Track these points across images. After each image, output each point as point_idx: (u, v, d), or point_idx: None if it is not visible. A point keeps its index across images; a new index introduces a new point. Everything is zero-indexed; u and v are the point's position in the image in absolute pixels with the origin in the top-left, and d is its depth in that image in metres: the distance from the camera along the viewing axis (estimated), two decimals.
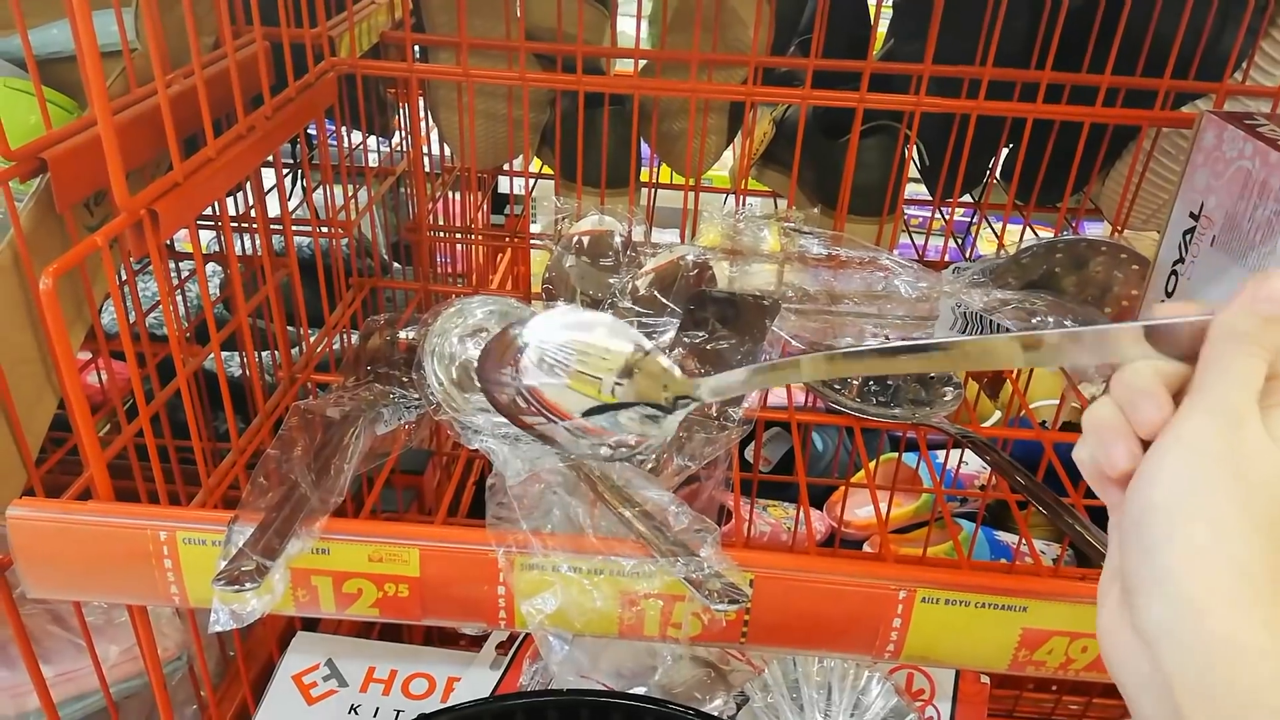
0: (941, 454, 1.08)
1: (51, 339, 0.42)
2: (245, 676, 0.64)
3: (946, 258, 0.82)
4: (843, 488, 1.02)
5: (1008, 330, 0.69)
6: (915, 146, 0.84)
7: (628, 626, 0.45)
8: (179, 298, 0.94)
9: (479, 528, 0.46)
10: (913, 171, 0.85)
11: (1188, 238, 0.64)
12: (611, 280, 0.72)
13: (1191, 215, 0.63)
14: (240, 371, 0.97)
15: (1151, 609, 0.28)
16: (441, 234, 0.87)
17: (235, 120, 0.56)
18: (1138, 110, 0.70)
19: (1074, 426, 1.12)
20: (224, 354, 0.97)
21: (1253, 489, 0.28)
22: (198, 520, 0.44)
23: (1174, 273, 0.65)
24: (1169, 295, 0.66)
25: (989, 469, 1.13)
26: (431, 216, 0.95)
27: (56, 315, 0.42)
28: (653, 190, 0.92)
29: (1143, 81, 0.71)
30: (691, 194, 0.84)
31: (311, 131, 0.76)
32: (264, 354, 0.97)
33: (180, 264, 0.92)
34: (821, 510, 1.10)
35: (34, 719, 0.59)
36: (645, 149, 0.89)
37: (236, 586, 0.40)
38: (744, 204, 0.87)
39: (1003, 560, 1.05)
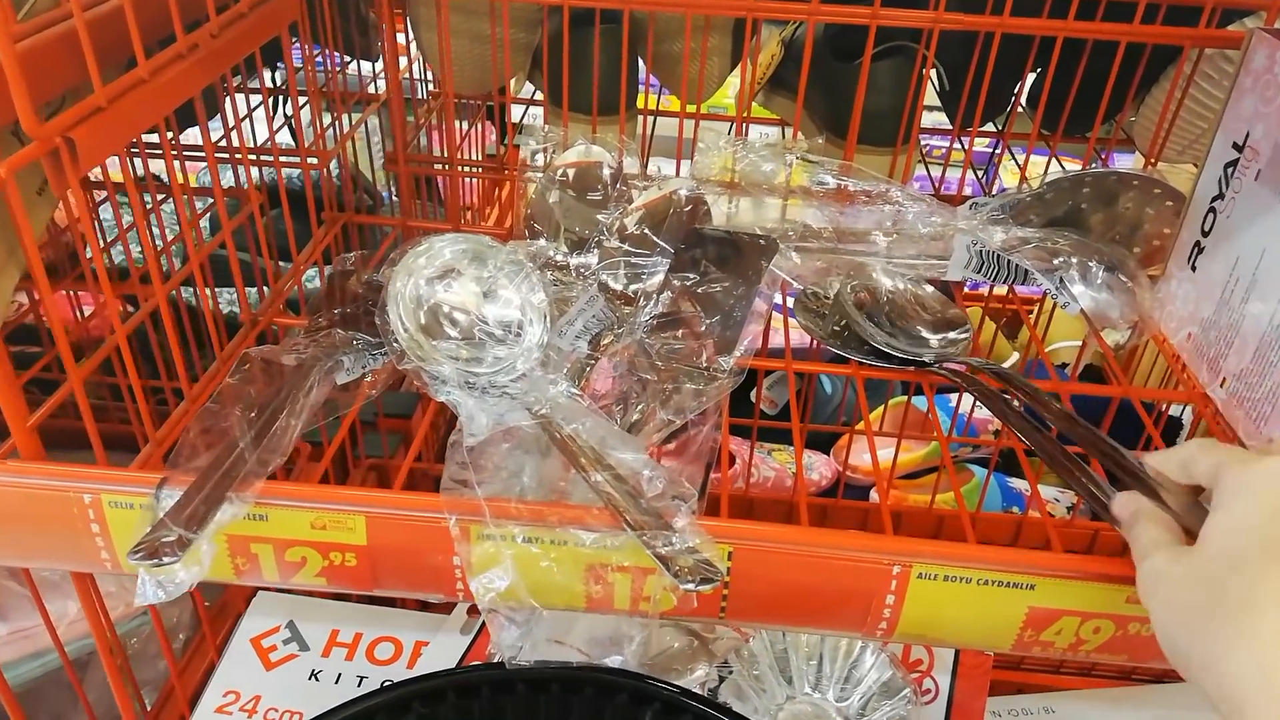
0: (953, 397, 1.03)
1: None
2: (211, 638, 0.61)
3: (966, 192, 0.76)
4: (857, 433, 0.98)
5: (1026, 270, 0.63)
6: (934, 69, 0.77)
7: (594, 601, 0.42)
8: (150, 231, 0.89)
9: (434, 492, 0.42)
10: (930, 98, 0.78)
11: (1229, 171, 0.58)
12: (599, 216, 0.67)
13: (1235, 146, 0.57)
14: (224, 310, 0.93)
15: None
16: (420, 165, 0.81)
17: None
18: (1180, 28, 0.63)
19: (1093, 372, 1.06)
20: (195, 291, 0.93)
21: None
22: (124, 482, 0.41)
23: (1212, 210, 0.59)
24: (1205, 234, 0.60)
25: None
26: (426, 145, 0.89)
27: None
28: (650, 118, 0.86)
29: None
30: (690, 122, 0.78)
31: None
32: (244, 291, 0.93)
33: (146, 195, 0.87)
34: (829, 455, 1.06)
35: None
36: (649, 75, 0.82)
37: (154, 560, 0.36)
38: (747, 133, 0.81)
39: (1014, 509, 1.00)
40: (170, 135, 0.69)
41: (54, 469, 0.41)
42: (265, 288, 0.74)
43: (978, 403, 0.99)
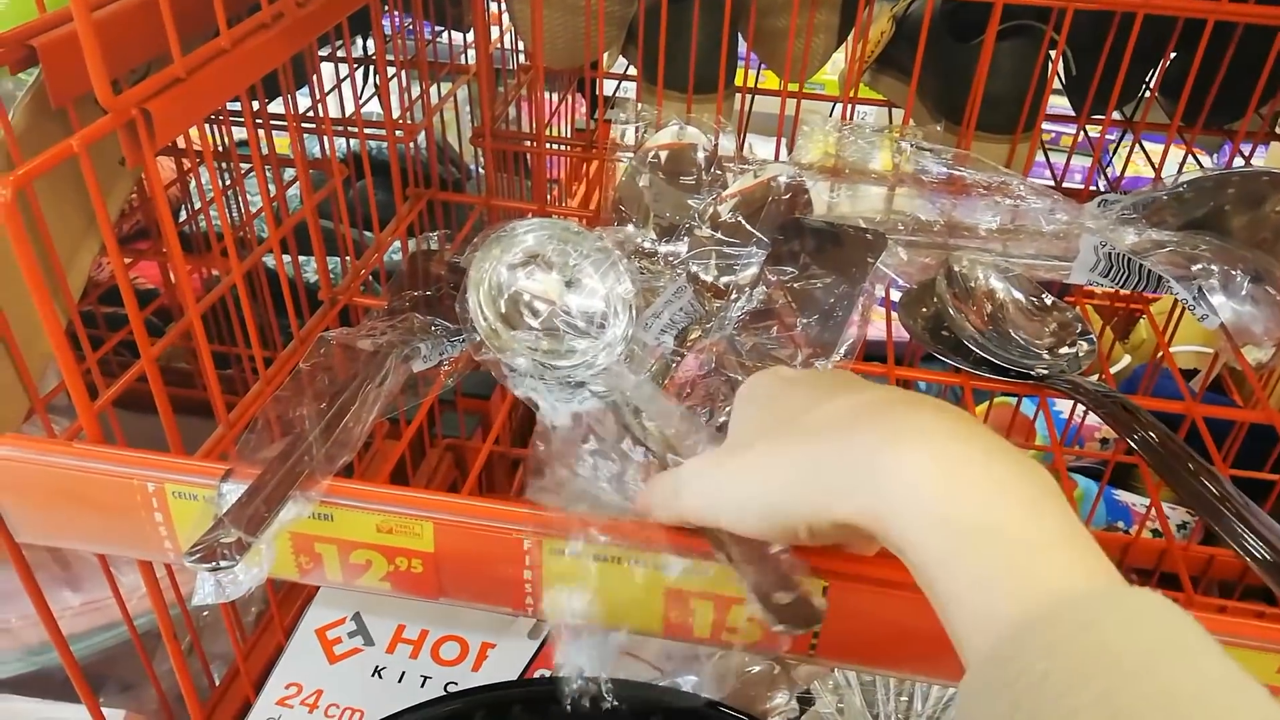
0: (1061, 404, 0.97)
1: (18, 257, 0.36)
2: (280, 622, 0.60)
3: (1091, 186, 0.70)
4: None
5: (1160, 277, 0.58)
6: (1062, 52, 0.71)
7: (673, 626, 0.38)
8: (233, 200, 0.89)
9: (507, 498, 0.39)
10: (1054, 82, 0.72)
11: None
12: (691, 201, 0.63)
13: None
14: (309, 277, 0.93)
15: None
16: (508, 141, 0.79)
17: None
18: None
19: (1217, 392, 0.99)
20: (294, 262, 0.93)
21: None
22: (189, 472, 0.39)
23: None
24: None
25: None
26: (520, 121, 0.87)
27: (18, 230, 0.36)
28: (749, 96, 0.81)
29: None
30: (792, 101, 0.73)
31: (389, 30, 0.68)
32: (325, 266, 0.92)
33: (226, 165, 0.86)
34: None
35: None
36: (745, 50, 0.78)
37: (211, 564, 0.34)
38: (853, 114, 0.75)
39: (1120, 524, 0.94)
40: (256, 105, 0.68)
41: (119, 454, 0.40)
42: (348, 259, 0.72)
43: (1086, 412, 0.93)
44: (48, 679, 0.57)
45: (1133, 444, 0.47)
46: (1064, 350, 0.57)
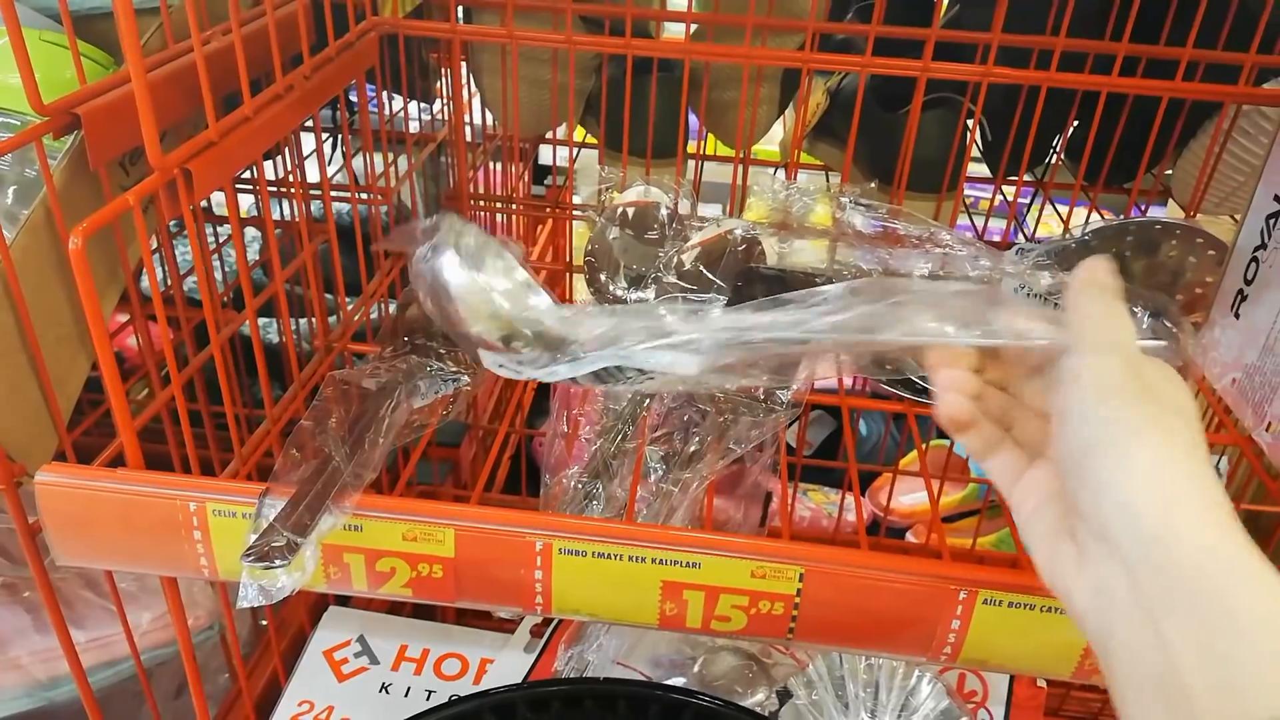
0: None
1: (82, 297, 0.41)
2: (277, 647, 0.63)
3: (1010, 239, 0.79)
4: (887, 474, 0.99)
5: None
6: (979, 121, 0.80)
7: (668, 618, 0.43)
8: (216, 262, 0.93)
9: (518, 507, 0.44)
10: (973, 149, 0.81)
11: (1272, 222, 0.60)
12: (657, 254, 0.70)
13: (1277, 198, 0.59)
14: (277, 339, 0.96)
15: (1122, 540, 0.30)
16: (482, 204, 0.84)
17: (273, 80, 0.54)
18: (1220, 85, 0.66)
19: None
20: (261, 321, 0.97)
21: (1163, 408, 0.32)
22: (229, 492, 0.43)
23: (1255, 259, 0.61)
24: (1249, 282, 0.62)
25: None
26: (471, 185, 0.93)
27: (85, 276, 0.40)
28: (700, 162, 0.89)
29: (1226, 56, 0.67)
30: (740, 167, 0.81)
31: (354, 98, 0.74)
32: (301, 321, 0.96)
33: (219, 228, 0.91)
34: (864, 496, 1.07)
35: (65, 683, 0.59)
36: (693, 121, 0.86)
37: (266, 563, 0.38)
38: (795, 177, 0.83)
39: None
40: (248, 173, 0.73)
41: (162, 478, 0.43)
42: (331, 318, 0.77)
43: None
44: (52, 716, 0.59)
45: None
46: None
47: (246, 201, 1.13)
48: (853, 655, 0.56)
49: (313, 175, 0.85)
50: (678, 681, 0.53)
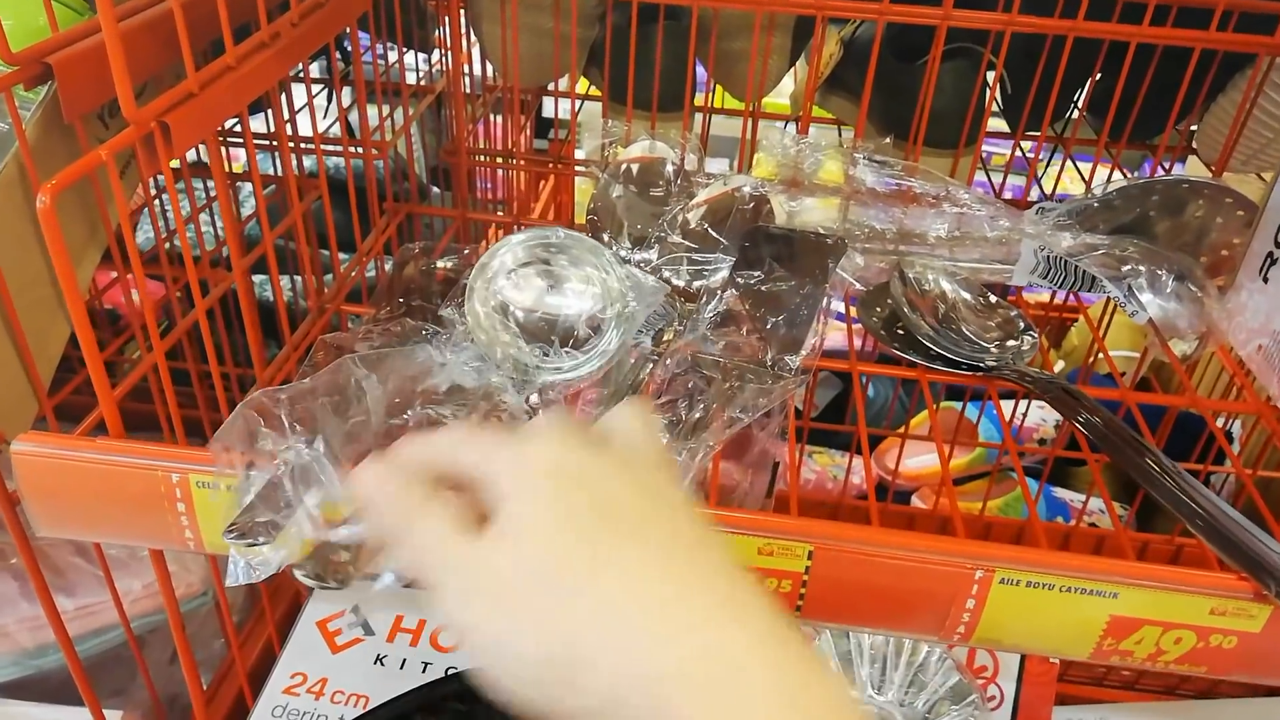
0: (1004, 405, 1.02)
1: (53, 259, 0.39)
2: (271, 617, 0.61)
3: (1029, 198, 0.76)
4: (893, 437, 0.97)
5: (1093, 277, 0.63)
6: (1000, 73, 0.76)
7: None
8: (208, 217, 0.90)
9: None
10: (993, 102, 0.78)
11: None
12: (660, 212, 0.67)
13: None
14: (271, 297, 0.94)
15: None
16: (482, 158, 0.82)
17: (259, 27, 0.51)
18: (1256, 35, 0.63)
19: (1141, 383, 1.05)
20: (257, 279, 0.94)
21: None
22: (212, 463, 0.41)
23: None
24: (1279, 245, 0.59)
25: (1051, 422, 1.08)
26: (471, 139, 0.90)
27: (56, 235, 0.38)
28: (707, 115, 0.86)
29: (1261, 4, 0.63)
30: (749, 120, 0.78)
31: (348, 47, 0.71)
32: (298, 279, 0.94)
33: (208, 182, 0.88)
34: (871, 459, 1.06)
35: (53, 651, 0.58)
36: (700, 73, 0.82)
37: (249, 540, 0.37)
38: (807, 132, 0.80)
39: (1059, 519, 1.00)
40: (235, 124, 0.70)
41: (142, 448, 0.42)
42: (326, 276, 0.74)
43: (1024, 411, 0.99)
44: (42, 683, 0.58)
45: (1078, 425, 0.52)
46: (1009, 343, 0.62)
47: (242, 156, 1.10)
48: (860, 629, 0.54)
49: (305, 130, 0.83)
50: None
